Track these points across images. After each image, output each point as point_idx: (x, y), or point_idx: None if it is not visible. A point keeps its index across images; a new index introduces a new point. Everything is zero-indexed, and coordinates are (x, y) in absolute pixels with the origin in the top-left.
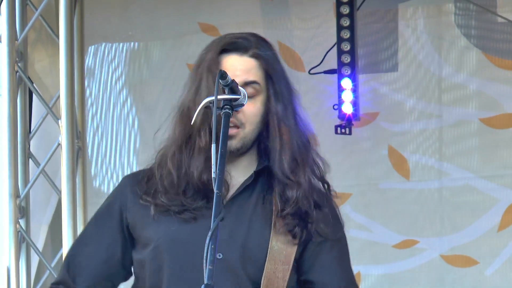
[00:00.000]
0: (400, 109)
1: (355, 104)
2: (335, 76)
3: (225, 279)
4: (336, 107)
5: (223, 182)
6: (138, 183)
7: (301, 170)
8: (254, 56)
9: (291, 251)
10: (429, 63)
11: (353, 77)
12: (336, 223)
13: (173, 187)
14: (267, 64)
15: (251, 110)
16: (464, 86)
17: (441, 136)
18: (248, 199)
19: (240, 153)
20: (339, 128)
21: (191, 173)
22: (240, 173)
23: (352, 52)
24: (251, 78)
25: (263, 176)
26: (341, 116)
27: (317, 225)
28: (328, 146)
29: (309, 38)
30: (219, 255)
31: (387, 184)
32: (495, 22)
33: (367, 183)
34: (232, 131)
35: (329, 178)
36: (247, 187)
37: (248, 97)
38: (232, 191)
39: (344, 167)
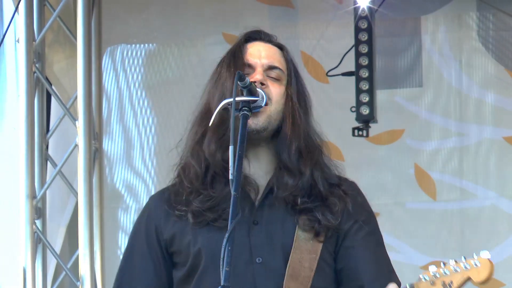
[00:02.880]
0: (425, 127)
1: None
2: (353, 78)
3: (267, 282)
4: (353, 109)
5: (252, 184)
6: (167, 201)
7: (304, 162)
8: (278, 46)
9: (318, 242)
10: (453, 80)
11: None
12: (358, 211)
13: (198, 179)
14: (289, 56)
15: (276, 90)
16: (488, 105)
17: (466, 155)
18: (275, 198)
19: (264, 135)
20: (356, 131)
21: (205, 154)
22: (263, 170)
23: (370, 54)
24: (276, 63)
25: None
26: (359, 117)
27: (334, 215)
28: (354, 165)
29: (328, 45)
30: (259, 259)
31: (414, 204)
32: None
33: (394, 203)
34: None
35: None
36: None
37: (273, 78)
38: (260, 191)
39: (371, 186)
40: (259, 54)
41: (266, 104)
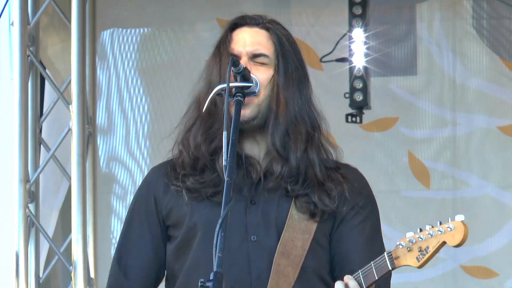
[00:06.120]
0: (420, 115)
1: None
2: (347, 64)
3: (261, 260)
4: (347, 95)
5: (254, 164)
6: (166, 175)
7: (293, 145)
8: (265, 27)
9: (313, 222)
10: (448, 69)
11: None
12: (355, 196)
13: (188, 166)
14: (277, 36)
15: (263, 75)
16: (483, 94)
17: (460, 144)
18: (275, 179)
19: (256, 123)
20: (349, 117)
21: (190, 147)
22: (263, 151)
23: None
24: (260, 50)
25: None
26: (352, 104)
27: (330, 200)
28: (347, 152)
29: (322, 31)
30: (254, 237)
31: (408, 192)
32: None
33: (388, 190)
34: (245, 99)
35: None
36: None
37: (259, 63)
38: (261, 172)
39: (365, 174)
40: (243, 42)
41: (259, 90)
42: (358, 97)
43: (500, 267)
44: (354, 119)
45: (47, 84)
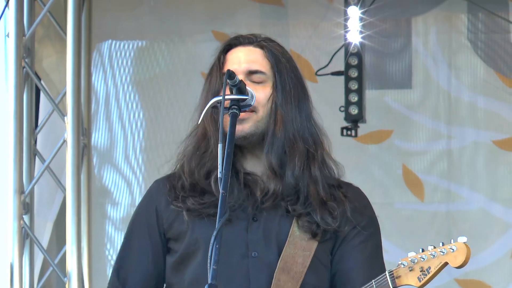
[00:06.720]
0: (414, 128)
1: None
2: (342, 77)
3: (261, 275)
4: (342, 109)
5: (257, 182)
6: (169, 191)
7: (290, 163)
8: (259, 46)
9: (314, 240)
10: (443, 82)
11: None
12: (357, 216)
13: (188, 189)
14: (273, 53)
15: (261, 94)
16: (478, 108)
17: (454, 158)
18: (271, 198)
19: (256, 140)
20: (344, 130)
21: (185, 172)
22: (266, 173)
23: (359, 54)
24: (255, 67)
25: None
26: (348, 117)
27: (331, 219)
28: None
29: (318, 43)
30: (254, 254)
31: (402, 204)
32: (508, 42)
33: (382, 203)
34: (244, 115)
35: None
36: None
37: (257, 82)
38: (264, 190)
39: (359, 186)
40: (238, 61)
41: (254, 104)
42: (354, 110)
43: (493, 281)
44: (349, 132)
45: (42, 96)
